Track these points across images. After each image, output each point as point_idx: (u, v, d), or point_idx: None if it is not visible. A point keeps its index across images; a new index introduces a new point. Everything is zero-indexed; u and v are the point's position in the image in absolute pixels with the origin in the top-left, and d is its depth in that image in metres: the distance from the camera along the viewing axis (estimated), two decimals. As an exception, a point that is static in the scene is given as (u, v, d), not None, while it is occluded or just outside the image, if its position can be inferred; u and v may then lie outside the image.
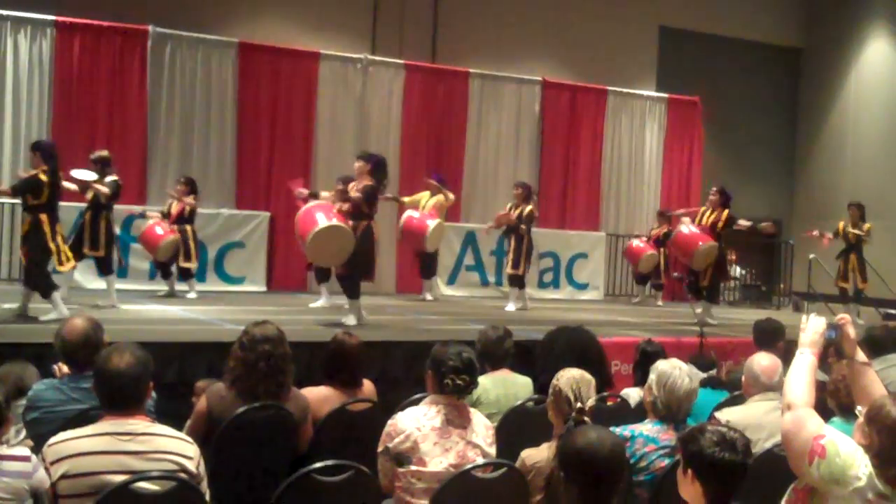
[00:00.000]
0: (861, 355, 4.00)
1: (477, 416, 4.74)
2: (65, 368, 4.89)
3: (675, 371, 4.74)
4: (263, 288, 13.99)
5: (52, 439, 3.64)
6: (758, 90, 20.52)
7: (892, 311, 16.38)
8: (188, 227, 12.30)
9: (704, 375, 7.09)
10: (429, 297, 13.92)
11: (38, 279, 8.95)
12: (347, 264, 9.56)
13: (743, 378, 5.46)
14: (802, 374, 3.64)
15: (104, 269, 10.78)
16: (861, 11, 19.85)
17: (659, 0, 19.02)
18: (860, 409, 3.59)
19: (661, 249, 15.39)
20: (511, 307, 12.85)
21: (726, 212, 12.72)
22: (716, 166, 19.18)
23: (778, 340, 7.33)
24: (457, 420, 4.58)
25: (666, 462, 4.46)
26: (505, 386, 5.94)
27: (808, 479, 3.41)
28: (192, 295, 12.16)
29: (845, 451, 3.35)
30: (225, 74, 14.49)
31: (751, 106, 20.33)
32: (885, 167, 19.23)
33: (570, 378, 4.61)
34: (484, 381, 5.93)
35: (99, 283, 11.59)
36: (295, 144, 14.87)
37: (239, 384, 4.86)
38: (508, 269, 13.23)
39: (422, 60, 16.34)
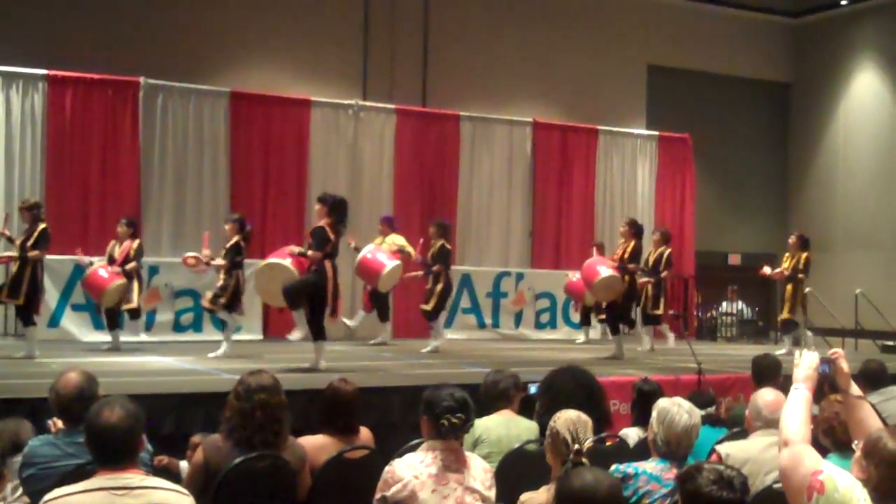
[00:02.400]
0: (855, 388, 4.00)
1: (474, 460, 4.70)
2: (59, 423, 4.86)
3: (673, 407, 4.73)
4: (260, 336, 13.93)
5: (48, 496, 3.60)
6: (748, 125, 20.62)
7: (889, 343, 16.34)
8: (130, 266, 11.52)
9: (703, 412, 7.07)
10: (379, 339, 13.62)
11: None
12: (295, 299, 9.66)
13: (747, 412, 5.44)
14: (798, 410, 3.63)
15: (24, 319, 10.48)
16: (848, 45, 20.00)
17: (646, 39, 19.14)
18: (857, 444, 3.58)
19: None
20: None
21: (632, 243, 12.26)
22: (708, 202, 19.26)
23: (777, 376, 7.31)
24: (454, 465, 4.54)
25: (668, 502, 4.43)
26: (508, 427, 5.92)
27: None
28: (142, 336, 11.78)
29: (843, 485, 3.33)
30: (217, 123, 14.58)
31: (741, 141, 20.43)
32: (875, 199, 19.31)
33: (567, 419, 4.59)
34: (486, 421, 5.93)
35: (95, 336, 11.61)
36: (288, 191, 14.93)
37: (235, 434, 4.82)
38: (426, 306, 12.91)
39: (412, 105, 16.43)
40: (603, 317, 13.60)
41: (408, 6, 16.79)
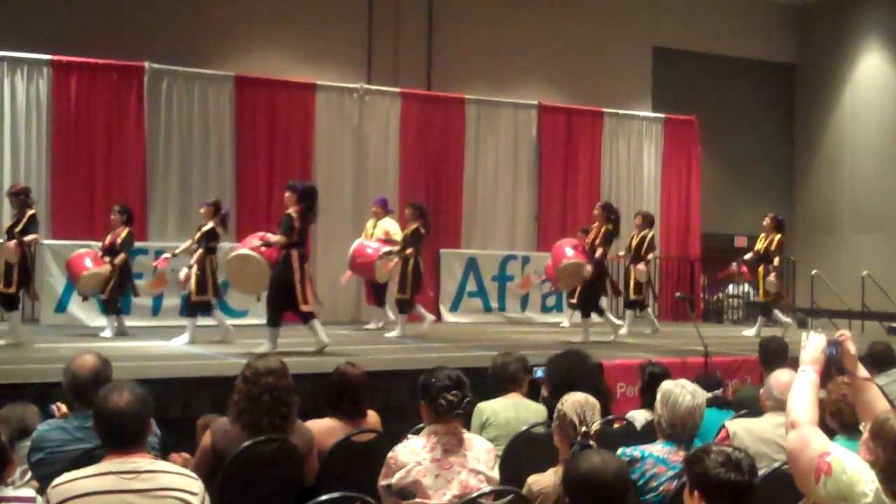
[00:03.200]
0: (862, 371, 4.00)
1: (476, 441, 4.71)
2: (63, 408, 4.87)
3: (677, 389, 4.73)
4: (264, 321, 13.88)
5: (56, 480, 3.61)
6: (753, 107, 20.57)
7: (895, 325, 16.32)
8: (118, 259, 11.19)
9: (710, 395, 7.08)
10: (372, 325, 13.37)
11: None
12: (268, 291, 9.91)
13: (761, 392, 5.47)
14: (805, 392, 3.62)
15: (7, 304, 10.34)
16: (853, 26, 19.91)
17: (651, 21, 19.08)
18: (864, 426, 3.58)
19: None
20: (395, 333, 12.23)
21: (604, 227, 11.88)
22: (714, 184, 19.21)
23: (784, 358, 7.31)
24: (456, 448, 4.55)
25: (675, 484, 4.43)
26: (516, 410, 5.93)
27: (815, 497, 3.39)
28: (106, 333, 11.21)
29: (851, 467, 3.33)
30: (222, 108, 14.55)
31: (747, 123, 20.37)
32: (882, 180, 19.25)
33: (574, 402, 4.60)
34: (494, 404, 5.95)
35: (102, 321, 11.60)
36: (293, 175, 14.77)
37: (243, 418, 4.84)
38: (396, 294, 12.53)
39: (417, 88, 16.39)
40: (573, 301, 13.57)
41: (412, -11, 16.78)
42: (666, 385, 4.79)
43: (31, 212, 10.44)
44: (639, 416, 6.34)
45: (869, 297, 17.46)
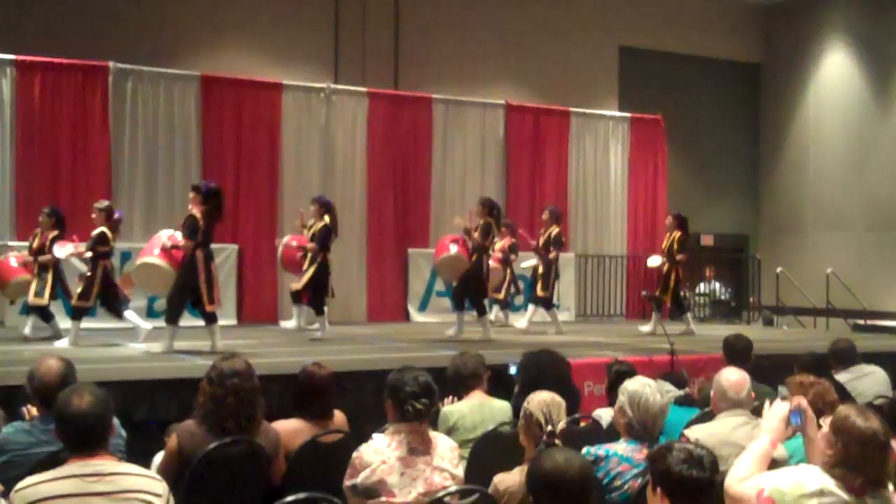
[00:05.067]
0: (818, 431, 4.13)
1: (440, 439, 4.74)
2: (34, 411, 4.84)
3: (645, 389, 4.76)
4: (234, 321, 13.87)
5: (20, 484, 3.60)
6: (719, 106, 20.72)
7: (860, 322, 16.50)
8: (48, 262, 10.90)
9: (681, 393, 7.13)
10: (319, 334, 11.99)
11: None
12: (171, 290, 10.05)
13: (712, 393, 5.46)
14: (750, 459, 3.85)
15: None
16: (818, 26, 20.09)
17: (618, 20, 19.17)
18: (824, 419, 3.66)
19: (508, 264, 14.39)
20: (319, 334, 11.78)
21: (482, 221, 11.96)
22: (681, 183, 19.34)
23: (748, 356, 7.37)
24: (420, 447, 4.58)
25: (640, 481, 4.47)
26: (482, 412, 5.94)
27: None
28: (26, 330, 11.05)
29: (788, 486, 3.50)
30: (188, 107, 14.45)
31: (713, 122, 20.53)
32: (845, 179, 19.45)
33: (540, 401, 4.62)
34: (461, 406, 5.96)
35: (68, 323, 11.47)
36: (260, 175, 14.85)
37: (209, 420, 4.83)
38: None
39: (385, 88, 16.36)
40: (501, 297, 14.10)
41: (379, -11, 16.77)
42: (632, 386, 4.80)
43: None
44: (605, 415, 6.36)
45: (833, 295, 17.64)
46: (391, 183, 15.78)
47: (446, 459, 4.61)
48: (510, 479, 4.39)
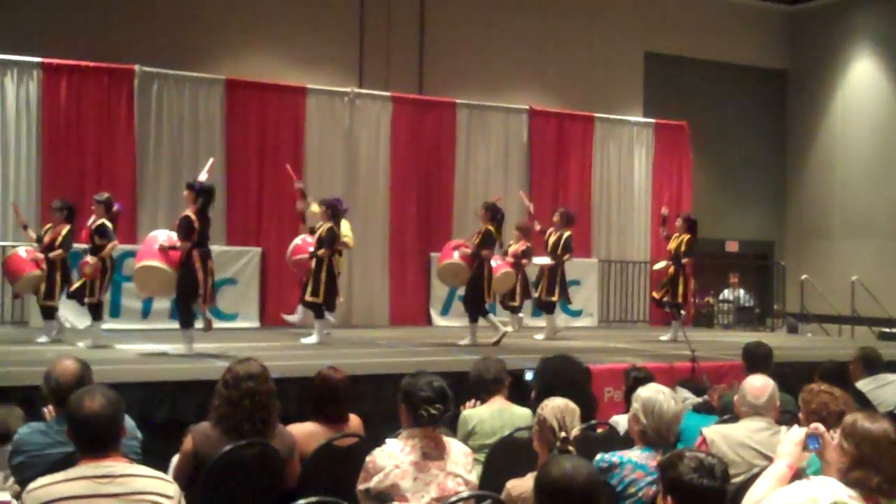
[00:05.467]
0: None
1: (454, 445, 4.74)
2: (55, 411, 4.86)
3: (659, 396, 4.74)
4: (257, 324, 13.94)
5: (31, 485, 3.61)
6: (745, 113, 20.58)
7: (886, 330, 16.36)
8: (57, 259, 10.78)
9: (699, 400, 7.09)
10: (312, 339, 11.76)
11: None
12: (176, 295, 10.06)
13: (735, 398, 5.46)
14: (767, 483, 3.75)
15: None
16: (845, 32, 19.95)
17: (643, 26, 19.10)
18: (833, 432, 3.63)
19: (520, 268, 13.70)
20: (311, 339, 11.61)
21: (485, 227, 11.74)
22: (705, 189, 19.25)
23: (768, 364, 7.32)
24: (434, 452, 4.57)
25: (654, 489, 4.44)
26: (501, 417, 5.93)
27: None
28: (42, 339, 10.79)
29: (801, 500, 3.42)
30: (212, 111, 14.53)
31: (739, 128, 20.39)
32: (872, 186, 19.29)
33: (554, 407, 4.61)
34: (481, 411, 5.95)
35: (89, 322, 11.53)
36: (284, 179, 14.79)
37: (224, 422, 4.84)
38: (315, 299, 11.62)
39: (409, 92, 16.37)
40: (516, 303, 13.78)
41: (404, -6, 16.79)
42: (645, 393, 4.78)
43: None
44: (622, 421, 6.33)
45: (859, 303, 17.50)
46: (414, 187, 15.80)
47: (460, 465, 4.60)
48: (523, 486, 4.37)
